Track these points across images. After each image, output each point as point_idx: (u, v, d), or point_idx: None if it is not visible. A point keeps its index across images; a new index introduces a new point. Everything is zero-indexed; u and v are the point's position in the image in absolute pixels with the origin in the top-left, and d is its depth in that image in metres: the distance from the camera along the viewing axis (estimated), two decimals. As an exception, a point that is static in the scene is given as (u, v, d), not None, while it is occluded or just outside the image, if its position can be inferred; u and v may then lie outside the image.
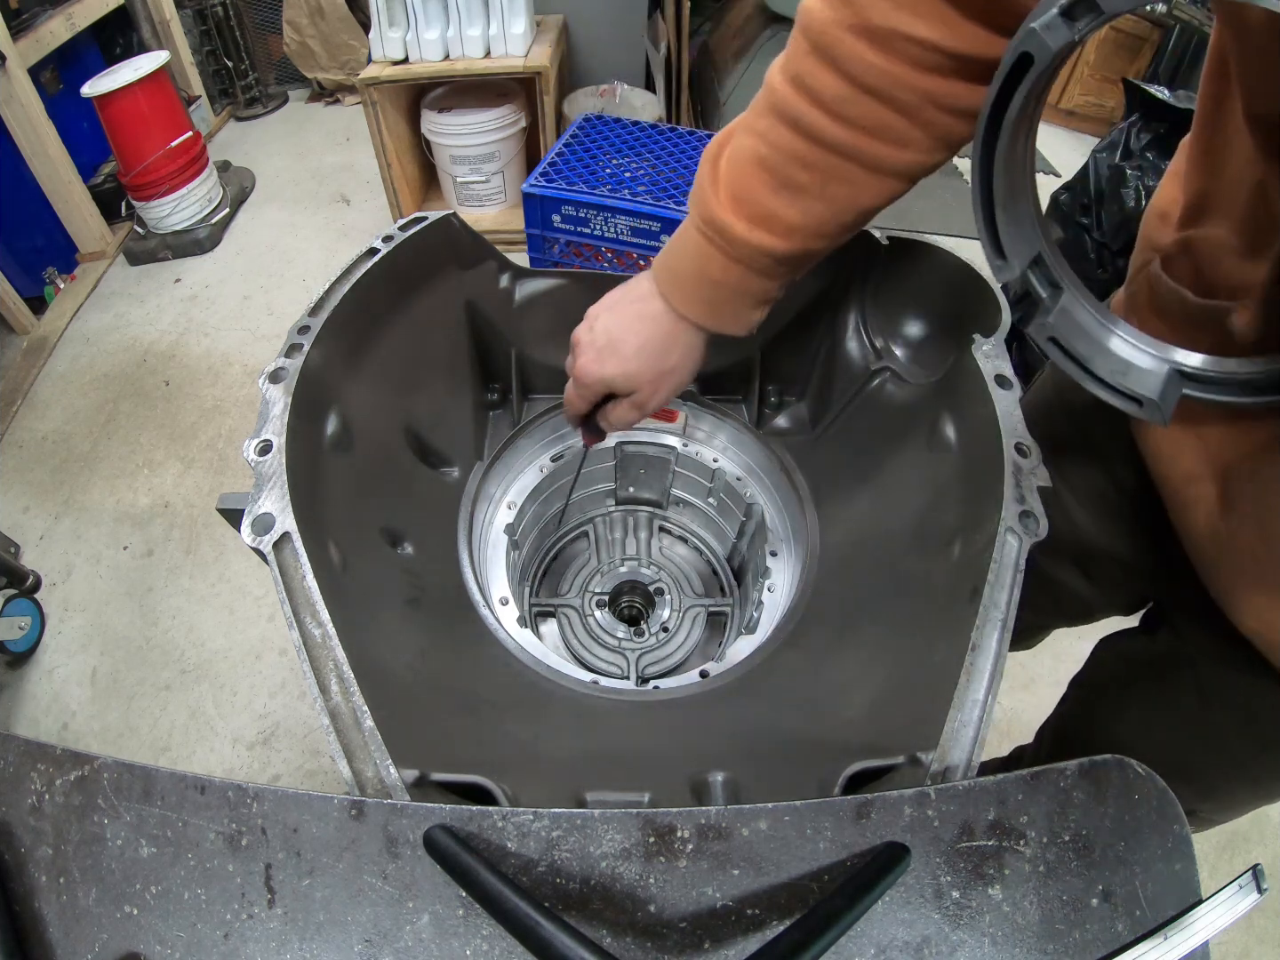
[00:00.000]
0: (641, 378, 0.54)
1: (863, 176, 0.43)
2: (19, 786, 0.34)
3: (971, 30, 0.37)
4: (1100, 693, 0.68)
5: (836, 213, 0.45)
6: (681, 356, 0.54)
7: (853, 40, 0.39)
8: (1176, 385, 0.38)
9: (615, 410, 0.57)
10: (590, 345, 0.54)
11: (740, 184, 0.45)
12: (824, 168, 0.43)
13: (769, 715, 0.54)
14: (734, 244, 0.46)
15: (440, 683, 0.51)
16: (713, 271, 0.48)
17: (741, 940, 0.30)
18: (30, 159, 2.09)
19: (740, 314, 0.51)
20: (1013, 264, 0.37)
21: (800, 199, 0.44)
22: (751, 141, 0.44)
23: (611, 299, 0.55)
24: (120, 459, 1.83)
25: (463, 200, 2.31)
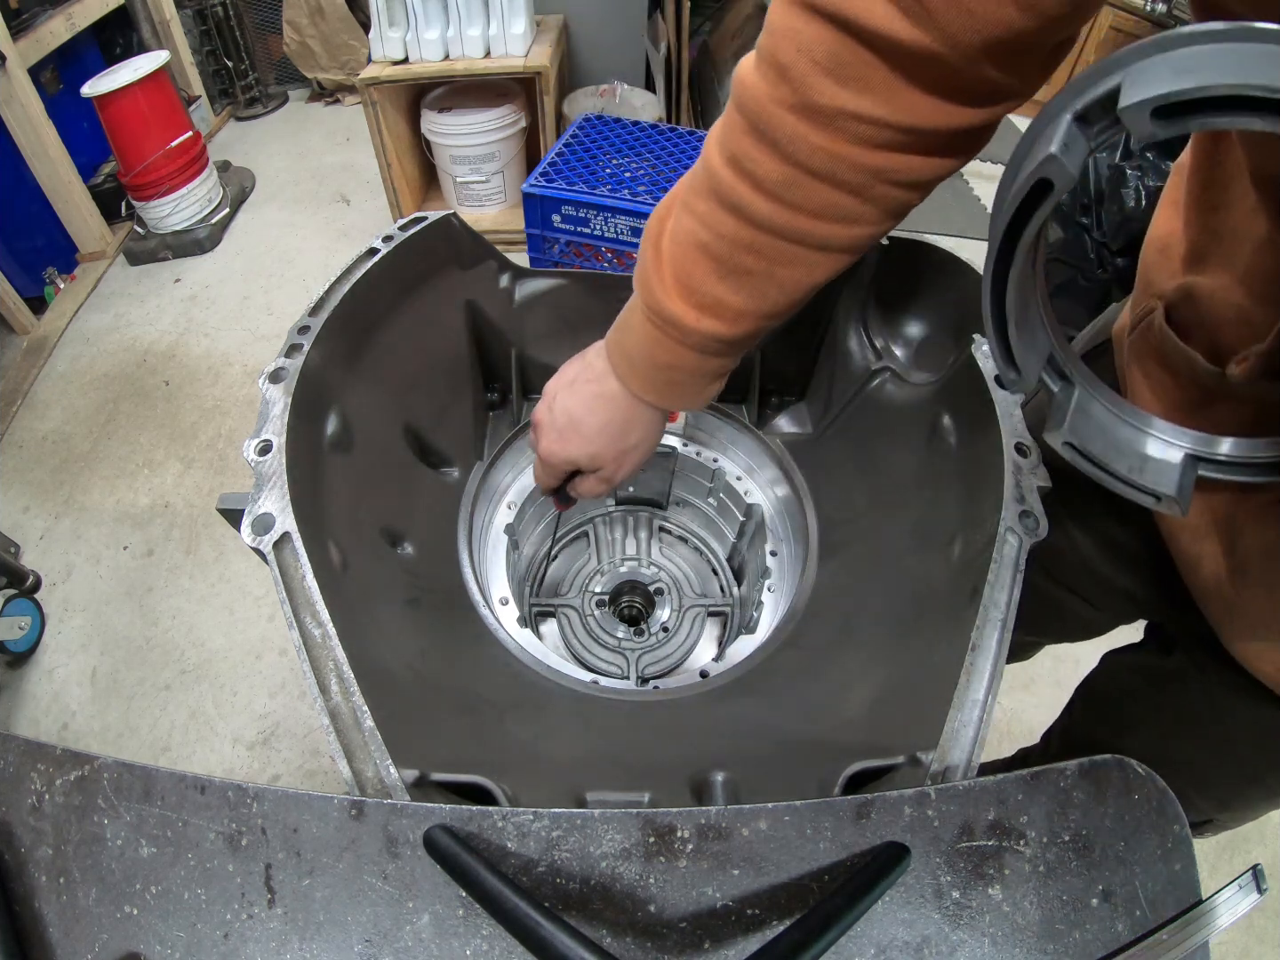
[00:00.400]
0: (605, 456, 0.54)
1: (811, 256, 0.41)
2: (19, 786, 0.34)
3: (926, 102, 0.35)
4: (1113, 704, 0.67)
5: (786, 293, 0.43)
6: (643, 433, 0.53)
7: (794, 121, 0.36)
8: (1192, 472, 0.38)
9: (584, 484, 0.57)
10: (551, 426, 0.54)
11: (684, 270, 0.43)
12: (770, 253, 0.41)
13: (769, 715, 0.54)
14: (684, 332, 0.45)
15: (440, 683, 0.51)
16: (663, 356, 0.47)
17: (741, 940, 0.30)
18: (30, 159, 2.09)
19: (697, 391, 0.50)
20: (1027, 376, 0.37)
21: (747, 283, 0.42)
22: (692, 224, 0.42)
23: (568, 375, 0.54)
24: (120, 459, 1.83)
25: (463, 200, 2.31)
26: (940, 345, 0.63)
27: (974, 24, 0.31)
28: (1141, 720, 0.62)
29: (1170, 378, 0.49)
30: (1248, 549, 0.45)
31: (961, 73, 0.34)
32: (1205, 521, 0.48)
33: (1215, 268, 0.45)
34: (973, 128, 0.37)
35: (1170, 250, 0.50)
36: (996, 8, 0.31)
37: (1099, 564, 0.62)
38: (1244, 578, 0.46)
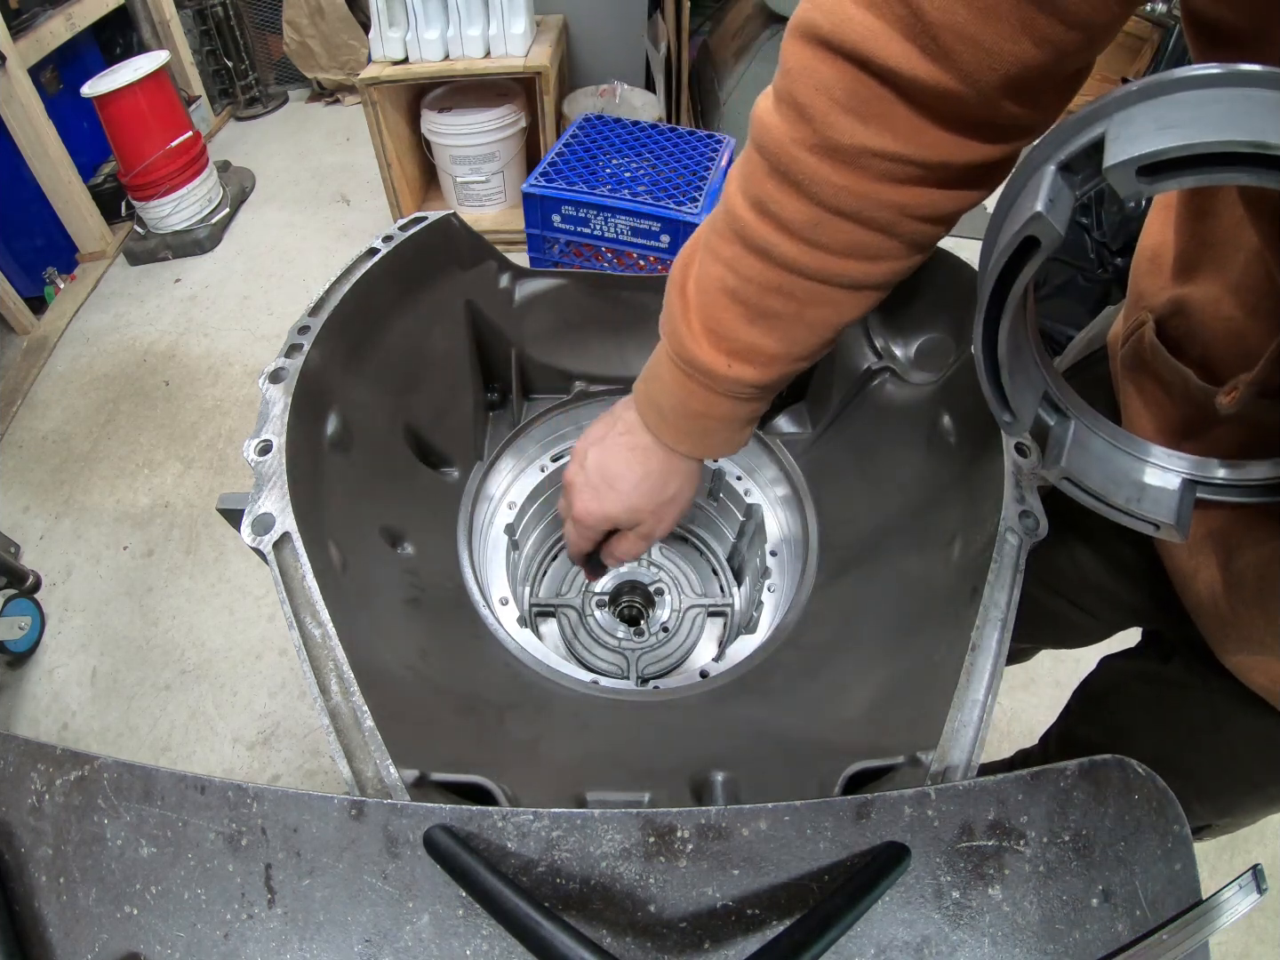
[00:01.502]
0: (644, 510, 0.52)
1: (839, 295, 0.41)
2: (19, 786, 0.34)
3: (947, 138, 0.34)
4: (1111, 709, 0.67)
5: (817, 333, 0.43)
6: (681, 484, 0.52)
7: (816, 162, 0.35)
8: (1190, 498, 0.37)
9: (622, 545, 0.55)
10: (585, 485, 0.52)
11: (713, 317, 0.43)
12: (800, 294, 0.40)
13: (769, 715, 0.54)
14: (715, 379, 0.44)
15: (440, 683, 0.51)
16: (696, 405, 0.46)
17: (741, 940, 0.30)
18: (30, 159, 2.09)
19: (731, 438, 0.50)
20: (1022, 418, 0.36)
21: (777, 327, 0.42)
22: (719, 270, 0.41)
23: (596, 433, 0.53)
24: (120, 459, 1.83)
25: (463, 200, 2.31)
26: (940, 345, 0.63)
27: (991, 61, 0.31)
28: (1140, 726, 0.62)
29: (1163, 394, 0.49)
30: (1243, 565, 0.45)
31: (980, 109, 0.33)
32: (1201, 537, 0.48)
33: (1205, 277, 0.44)
34: (992, 162, 0.37)
35: (1160, 259, 0.50)
36: (1012, 44, 0.30)
37: (1100, 577, 0.62)
38: (1239, 593, 0.46)
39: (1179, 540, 0.38)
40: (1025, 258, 0.29)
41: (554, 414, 0.76)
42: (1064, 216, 0.27)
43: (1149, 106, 0.25)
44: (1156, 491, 0.38)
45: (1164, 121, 0.24)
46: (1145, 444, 0.39)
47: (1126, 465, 0.39)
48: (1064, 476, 0.38)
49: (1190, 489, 0.38)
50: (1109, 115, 0.26)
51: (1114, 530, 0.58)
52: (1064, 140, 0.28)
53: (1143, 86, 0.25)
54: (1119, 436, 0.39)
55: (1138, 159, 0.24)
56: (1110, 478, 0.38)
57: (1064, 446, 0.38)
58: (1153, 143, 0.23)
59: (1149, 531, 0.38)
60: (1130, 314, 0.53)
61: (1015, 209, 0.30)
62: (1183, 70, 0.24)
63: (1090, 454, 0.38)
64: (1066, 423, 0.39)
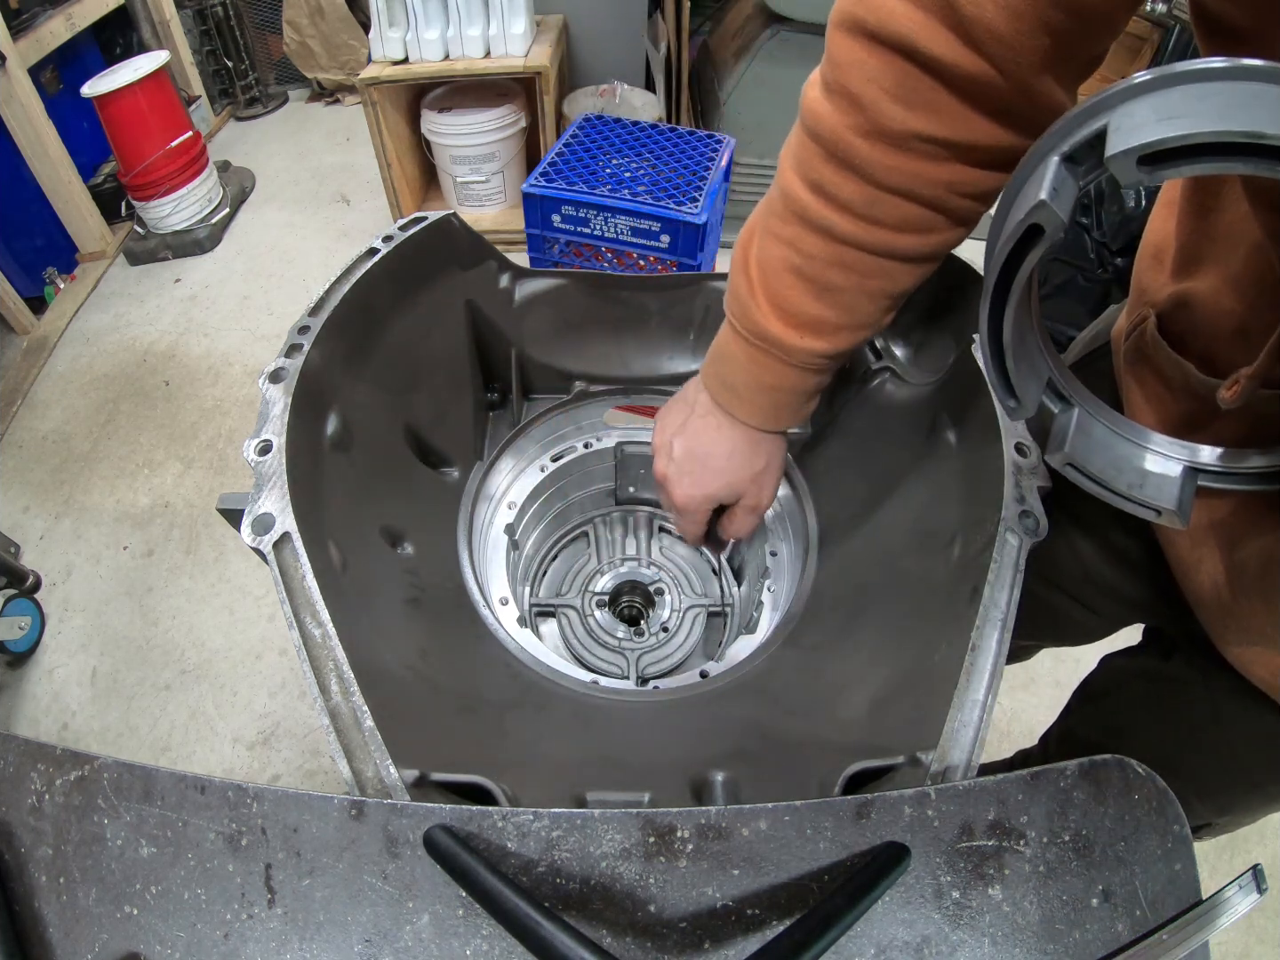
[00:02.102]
0: (742, 483, 0.55)
1: (895, 268, 0.44)
2: (19, 786, 0.34)
3: (986, 125, 0.37)
4: (1111, 708, 0.67)
5: (876, 302, 0.46)
6: (770, 453, 0.55)
7: (869, 147, 0.38)
8: (1191, 485, 0.38)
9: (736, 522, 0.58)
10: (680, 473, 0.55)
11: (780, 294, 0.45)
12: (859, 268, 0.43)
13: (769, 715, 0.54)
14: (788, 351, 0.47)
15: (440, 683, 0.51)
16: (769, 379, 0.49)
17: (741, 940, 0.30)
18: (30, 159, 2.09)
19: (800, 409, 0.53)
20: (1026, 403, 0.37)
21: (841, 299, 0.45)
22: (781, 250, 0.44)
23: (675, 422, 0.55)
24: (120, 459, 1.83)
25: (463, 200, 2.31)
26: (940, 345, 0.63)
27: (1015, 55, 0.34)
28: (1141, 725, 0.62)
29: (1165, 388, 0.49)
30: (1245, 555, 0.45)
31: (1015, 96, 0.36)
32: (1203, 528, 0.48)
33: (1207, 270, 0.45)
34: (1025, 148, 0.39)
35: (1163, 255, 0.50)
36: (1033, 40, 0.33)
37: (1101, 570, 0.62)
38: (1241, 584, 0.46)
39: (1180, 526, 0.38)
40: (1030, 245, 0.30)
41: (554, 414, 0.76)
42: (1067, 205, 0.28)
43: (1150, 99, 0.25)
44: (1158, 478, 0.38)
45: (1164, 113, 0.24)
46: (1146, 431, 0.39)
47: (1129, 453, 0.39)
48: (1067, 462, 0.38)
49: (1192, 476, 0.38)
50: (1112, 108, 0.26)
51: (1115, 521, 0.58)
52: (1068, 132, 0.28)
53: (1144, 80, 0.25)
54: (1120, 424, 0.39)
55: (1139, 148, 0.24)
56: (1112, 464, 0.39)
57: (1068, 433, 0.38)
58: (1153, 133, 0.24)
59: (1151, 518, 0.39)
60: (1133, 309, 0.54)
61: (1020, 198, 0.31)
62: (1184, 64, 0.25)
63: (1093, 440, 0.39)
64: (1070, 410, 0.39)
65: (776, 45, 2.05)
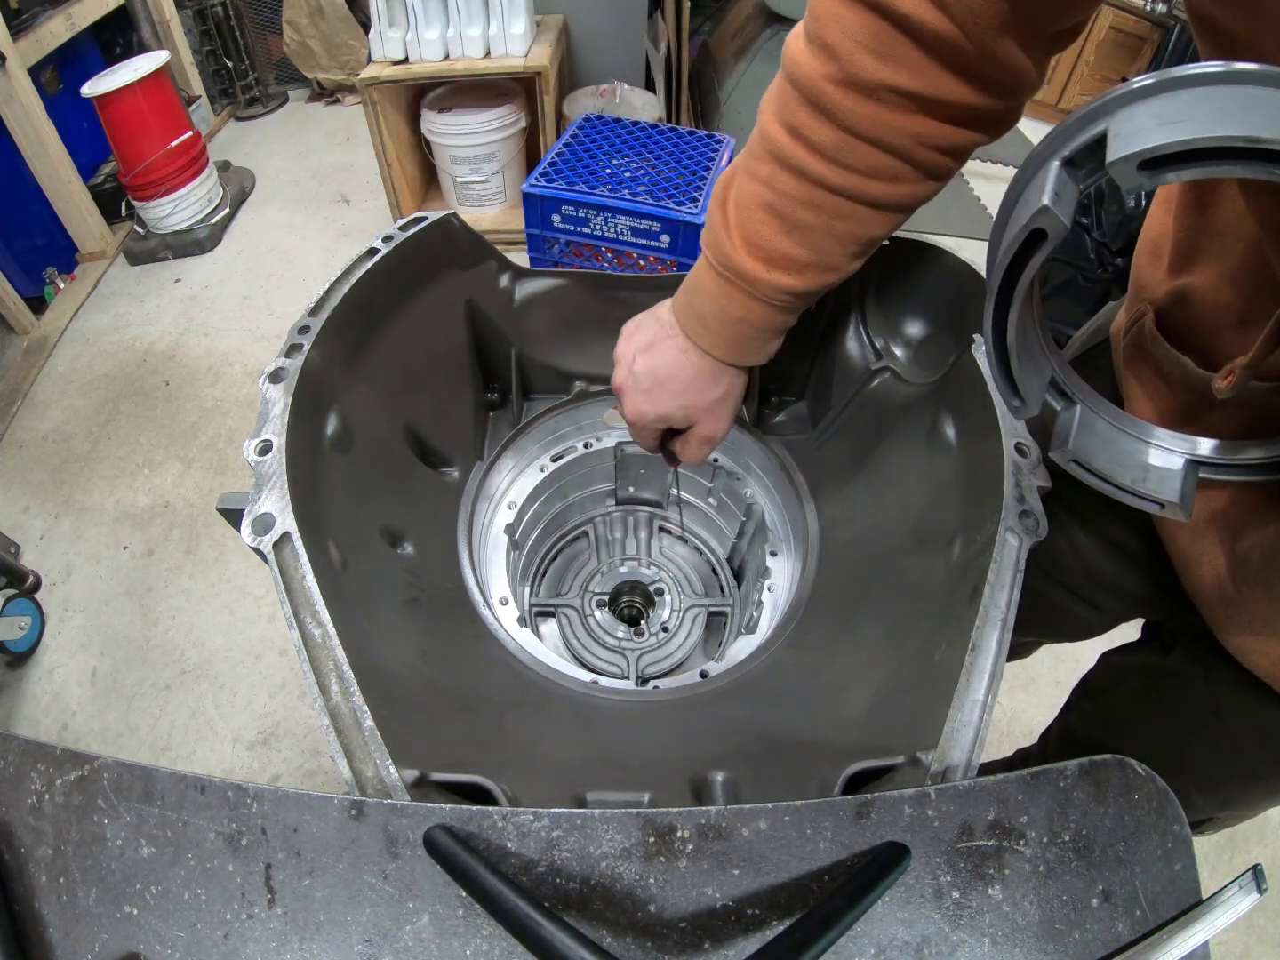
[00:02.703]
0: (697, 409, 0.56)
1: (864, 213, 0.45)
2: (19, 786, 0.34)
3: (952, 81, 0.39)
4: (1111, 705, 0.67)
5: (844, 245, 0.47)
6: (729, 384, 0.56)
7: (841, 94, 0.40)
8: (1193, 478, 0.39)
9: (686, 449, 0.59)
10: (635, 388, 0.56)
11: (752, 229, 0.47)
12: (829, 209, 0.45)
13: (769, 715, 0.54)
14: (755, 285, 0.48)
15: (440, 683, 0.51)
16: (735, 311, 0.50)
17: (741, 940, 0.30)
18: (30, 159, 2.09)
19: (762, 346, 0.54)
20: (1030, 402, 0.38)
21: (809, 237, 0.46)
22: (757, 188, 0.46)
23: (642, 340, 0.56)
24: (120, 459, 1.83)
25: (463, 200, 2.31)
26: (940, 345, 0.63)
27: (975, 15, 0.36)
28: (1141, 720, 0.62)
29: (1163, 383, 0.50)
30: (1247, 546, 0.46)
31: (977, 58, 0.38)
32: (1204, 520, 0.48)
33: (1205, 266, 0.45)
34: (991, 112, 0.42)
35: (1161, 252, 0.51)
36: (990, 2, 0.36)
37: (1101, 564, 0.62)
38: (1244, 574, 0.46)
39: (1183, 519, 0.39)
40: (1033, 249, 0.31)
41: (554, 414, 0.76)
42: (1069, 209, 0.29)
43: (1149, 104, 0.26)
44: (1160, 472, 0.39)
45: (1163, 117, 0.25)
46: (1146, 425, 0.40)
47: (1131, 447, 0.40)
48: (1071, 459, 0.39)
49: (1193, 469, 0.39)
50: (1111, 112, 0.27)
51: (1114, 515, 0.58)
52: (1068, 137, 0.29)
53: (1143, 85, 0.26)
54: (1121, 419, 0.40)
55: (1139, 154, 0.25)
56: (1115, 459, 0.40)
57: (1071, 430, 0.39)
58: (1153, 138, 0.25)
59: (1154, 510, 0.39)
60: (1131, 305, 0.54)
61: (1022, 203, 0.31)
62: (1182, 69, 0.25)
63: (1096, 436, 0.40)
64: (1073, 407, 0.40)
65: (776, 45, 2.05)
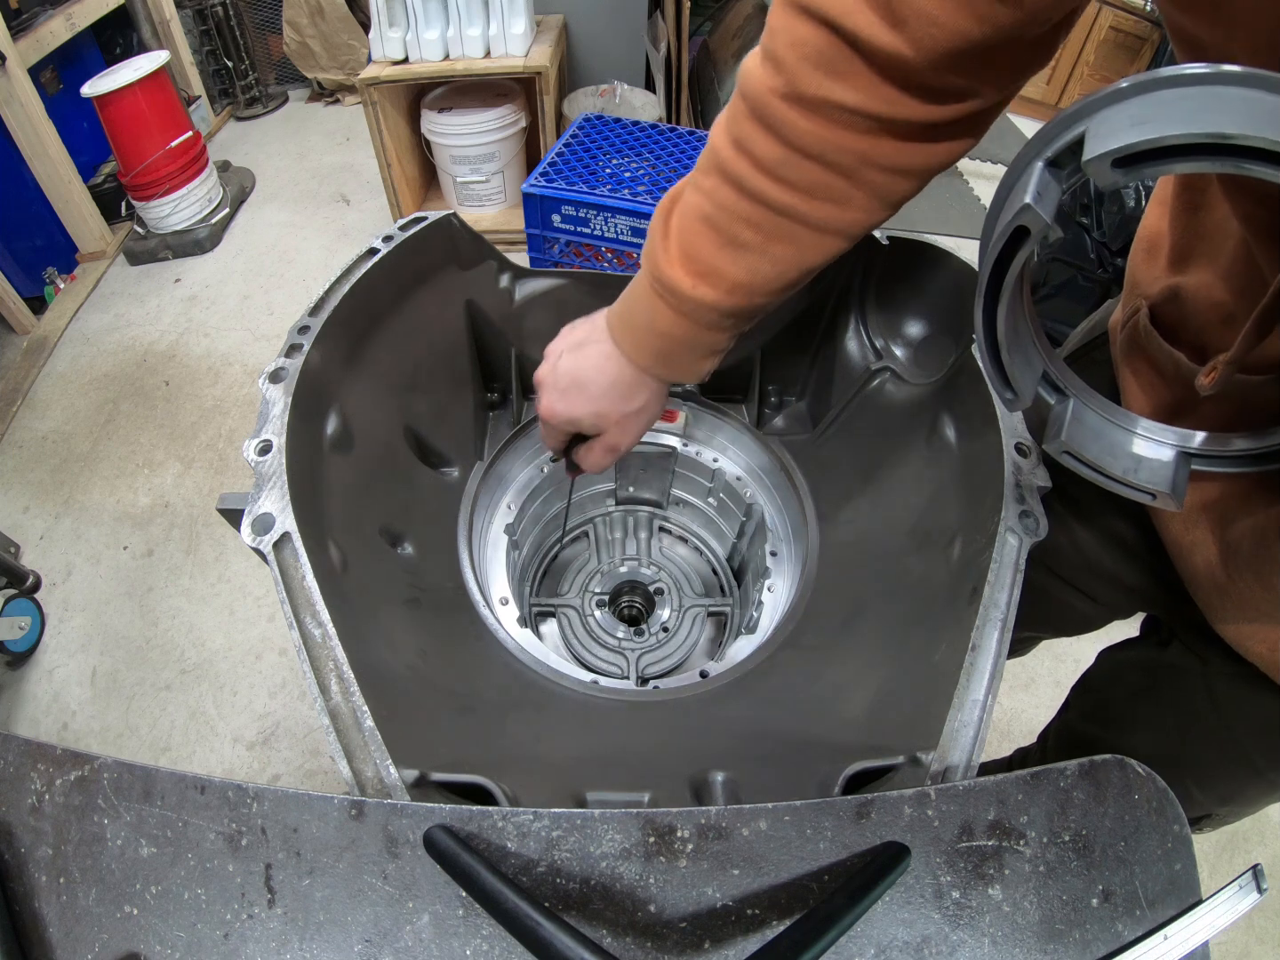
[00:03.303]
0: (609, 418, 0.54)
1: (805, 235, 0.44)
2: (19, 786, 0.34)
3: (899, 96, 0.39)
4: (1110, 701, 0.67)
5: (780, 271, 0.46)
6: (647, 399, 0.54)
7: (785, 108, 0.40)
8: (1185, 468, 0.40)
9: (589, 456, 0.58)
10: (554, 386, 0.55)
11: (688, 241, 0.46)
12: (768, 227, 0.44)
13: (769, 715, 0.54)
14: (680, 299, 0.47)
15: (440, 683, 0.51)
16: (661, 324, 0.49)
17: (741, 940, 0.30)
18: (30, 159, 2.09)
19: (690, 364, 0.52)
20: (1023, 395, 0.39)
21: (744, 256, 0.45)
22: (699, 200, 0.45)
23: (574, 339, 0.55)
24: (120, 459, 1.83)
25: (463, 200, 2.31)
26: (940, 345, 0.63)
27: (938, 33, 0.35)
28: (1139, 715, 0.62)
29: (1157, 376, 0.50)
30: (1238, 534, 0.46)
31: (928, 74, 0.38)
32: (1196, 510, 0.49)
33: (1199, 266, 0.46)
34: (942, 121, 0.41)
35: (1157, 250, 0.51)
36: (956, 18, 0.35)
37: (1100, 557, 0.62)
38: (1235, 562, 0.47)
39: (1175, 509, 0.39)
40: (1018, 245, 0.32)
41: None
42: (1051, 207, 0.30)
43: (1125, 105, 0.27)
44: (1152, 463, 0.40)
45: (1137, 118, 0.26)
46: (1135, 417, 0.41)
47: (1123, 439, 0.41)
48: (1065, 450, 0.40)
49: (1185, 460, 0.40)
50: (1091, 114, 0.28)
51: (1113, 508, 0.59)
52: (1050, 138, 0.30)
53: (1119, 88, 0.27)
54: (1114, 412, 0.41)
55: (1112, 152, 0.26)
56: (1108, 450, 0.40)
57: (1063, 422, 0.40)
58: (1125, 137, 0.26)
59: (1146, 501, 0.40)
60: (1128, 301, 0.55)
61: (1008, 202, 0.33)
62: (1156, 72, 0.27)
63: (1088, 429, 0.41)
64: (1066, 401, 0.41)
65: (776, 45, 2.05)
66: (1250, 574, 0.46)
